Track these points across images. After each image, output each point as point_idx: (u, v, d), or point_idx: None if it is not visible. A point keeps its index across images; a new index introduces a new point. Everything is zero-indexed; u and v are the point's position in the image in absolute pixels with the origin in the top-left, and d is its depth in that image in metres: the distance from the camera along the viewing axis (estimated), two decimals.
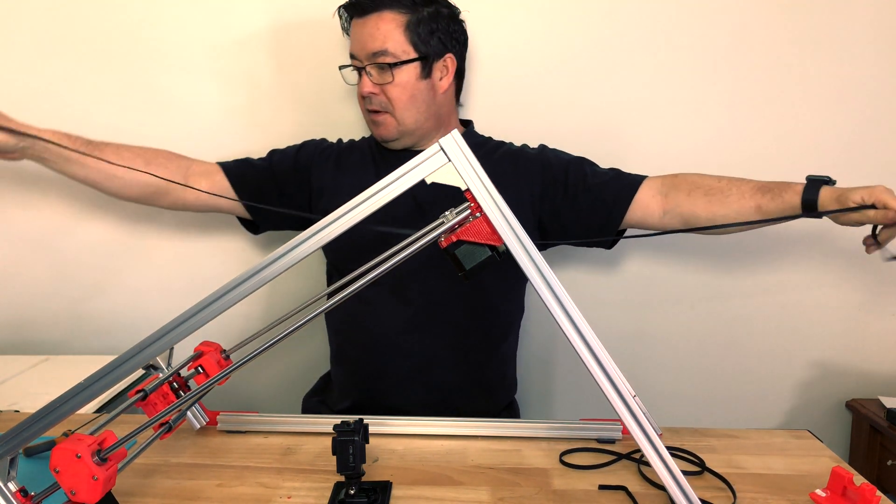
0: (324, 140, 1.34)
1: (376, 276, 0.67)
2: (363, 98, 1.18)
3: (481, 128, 1.34)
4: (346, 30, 1.21)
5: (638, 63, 1.42)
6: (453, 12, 1.20)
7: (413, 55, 1.15)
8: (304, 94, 1.46)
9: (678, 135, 1.45)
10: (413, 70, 1.15)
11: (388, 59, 1.13)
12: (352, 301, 0.66)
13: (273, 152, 1.32)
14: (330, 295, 0.71)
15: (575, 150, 1.33)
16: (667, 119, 1.44)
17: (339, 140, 1.34)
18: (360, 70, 1.17)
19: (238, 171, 1.28)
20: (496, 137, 1.31)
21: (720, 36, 1.40)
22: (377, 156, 1.26)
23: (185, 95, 1.46)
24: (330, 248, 1.26)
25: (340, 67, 1.23)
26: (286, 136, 1.45)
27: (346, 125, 1.46)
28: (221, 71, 1.45)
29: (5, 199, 1.54)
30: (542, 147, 1.29)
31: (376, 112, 1.17)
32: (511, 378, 1.33)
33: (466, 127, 1.32)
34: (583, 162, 1.25)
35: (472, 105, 1.44)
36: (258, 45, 1.44)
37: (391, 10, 1.13)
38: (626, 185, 1.19)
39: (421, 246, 0.67)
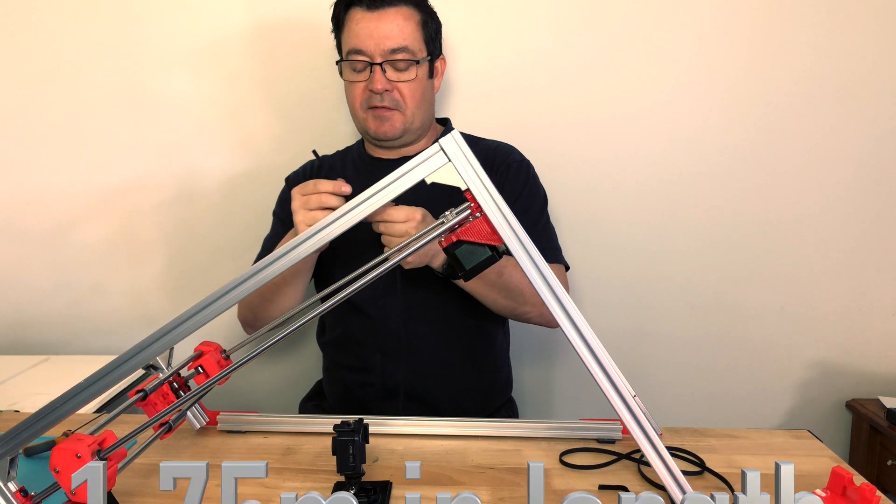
0: (294, 176, 1.29)
1: (375, 276, 0.67)
2: (371, 94, 1.12)
3: (459, 125, 1.34)
4: (340, 22, 1.15)
5: (621, 59, 1.42)
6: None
7: (425, 54, 1.14)
8: (291, 95, 1.47)
9: (660, 131, 1.45)
10: (426, 69, 1.15)
11: (409, 56, 1.11)
12: (337, 318, 0.65)
13: (275, 215, 1.28)
14: (324, 298, 0.70)
15: (556, 148, 1.32)
16: (650, 115, 1.44)
17: (308, 164, 1.30)
18: (370, 66, 1.12)
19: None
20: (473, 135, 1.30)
21: (703, 30, 1.40)
22: (363, 168, 1.24)
23: (172, 96, 1.47)
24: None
25: (339, 61, 1.17)
26: (272, 135, 1.45)
27: (333, 125, 1.47)
28: (209, 71, 1.46)
29: (6, 198, 1.54)
30: (524, 162, 1.24)
31: (385, 108, 1.14)
32: (506, 377, 1.32)
33: (444, 125, 1.30)
34: (544, 203, 1.24)
35: (451, 103, 1.45)
36: (245, 46, 1.44)
37: (408, 6, 1.11)
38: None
39: (420, 246, 0.67)
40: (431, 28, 1.16)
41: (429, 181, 0.64)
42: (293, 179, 1.29)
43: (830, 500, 0.78)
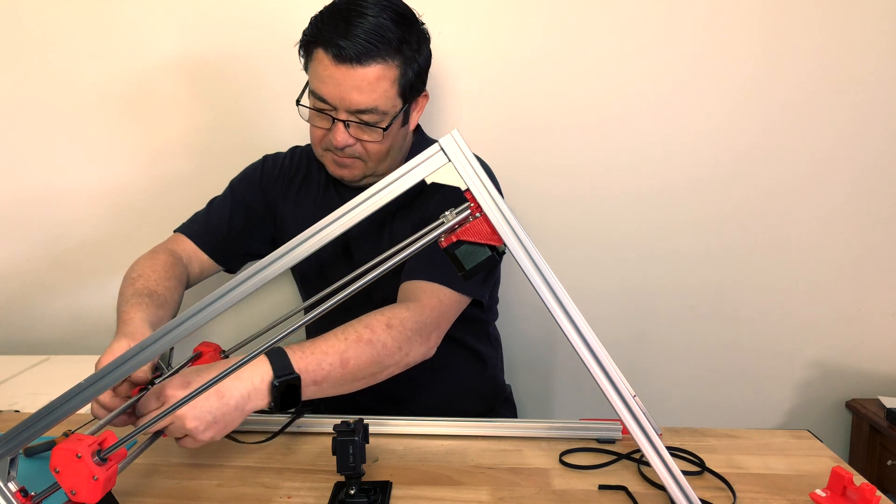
0: (273, 162, 1.22)
1: (368, 281, 0.67)
2: (334, 146, 1.01)
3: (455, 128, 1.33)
4: (308, 53, 1.00)
5: (619, 61, 1.41)
6: (428, 35, 1.04)
7: (400, 106, 1.01)
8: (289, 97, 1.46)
9: (660, 133, 1.45)
10: (397, 123, 1.02)
11: (376, 119, 0.98)
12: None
13: (233, 187, 1.20)
14: (320, 301, 0.70)
15: (556, 149, 1.34)
16: (649, 118, 1.44)
17: (288, 156, 1.23)
18: (332, 118, 0.99)
19: (208, 238, 1.15)
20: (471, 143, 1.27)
21: (700, 33, 1.40)
22: (333, 190, 1.16)
23: (172, 97, 1.47)
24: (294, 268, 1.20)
25: (298, 103, 1.03)
26: (272, 137, 1.46)
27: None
28: (206, 72, 1.45)
29: (6, 198, 1.54)
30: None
31: (344, 157, 1.03)
32: (500, 382, 1.31)
33: (416, 132, 1.18)
34: None
35: (450, 105, 1.44)
36: (237, 48, 1.44)
37: (384, 64, 0.95)
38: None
39: (420, 247, 0.67)
40: (412, 75, 1.00)
41: (429, 181, 0.64)
42: (270, 160, 1.23)
43: (830, 499, 0.78)
